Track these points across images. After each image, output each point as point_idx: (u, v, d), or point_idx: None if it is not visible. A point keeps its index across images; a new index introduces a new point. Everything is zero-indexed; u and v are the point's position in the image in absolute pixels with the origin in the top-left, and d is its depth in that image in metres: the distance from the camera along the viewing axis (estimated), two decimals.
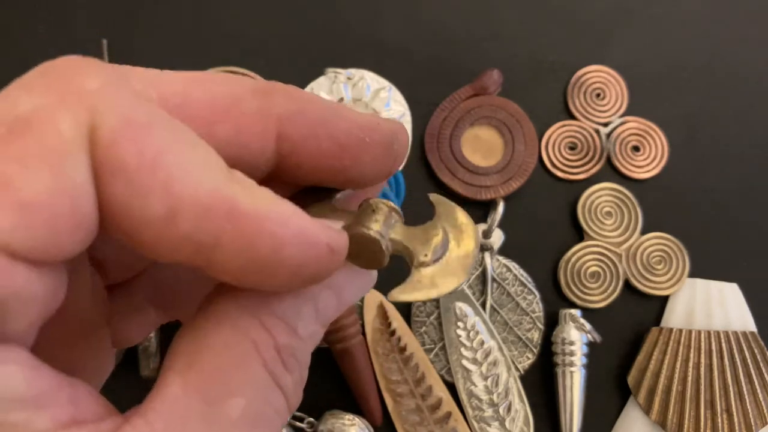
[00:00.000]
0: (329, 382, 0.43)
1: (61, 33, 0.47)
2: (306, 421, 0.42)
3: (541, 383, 0.43)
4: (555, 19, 0.48)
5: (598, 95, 0.47)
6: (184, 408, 0.15)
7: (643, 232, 0.45)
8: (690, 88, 0.48)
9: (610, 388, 0.43)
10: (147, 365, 0.42)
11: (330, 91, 0.46)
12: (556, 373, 0.42)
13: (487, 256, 0.44)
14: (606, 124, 0.47)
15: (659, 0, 0.49)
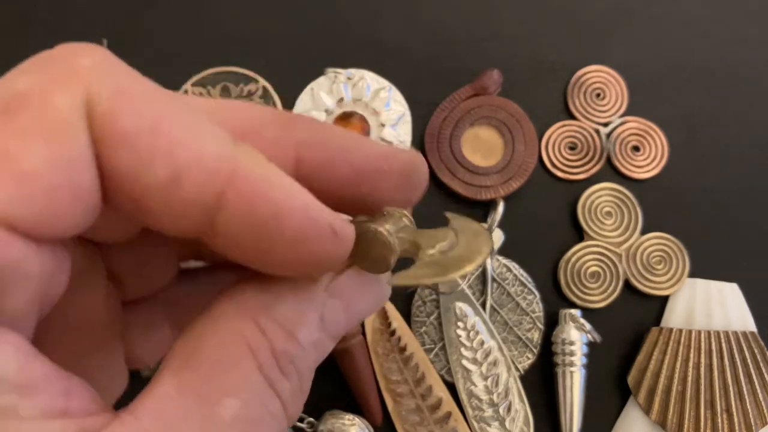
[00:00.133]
0: (329, 382, 0.43)
1: (61, 33, 0.47)
2: (306, 421, 0.42)
3: (541, 383, 0.43)
4: (555, 19, 0.48)
5: (598, 95, 0.47)
6: (175, 406, 0.15)
7: (643, 232, 0.45)
8: (690, 88, 0.48)
9: (610, 388, 0.43)
10: (147, 366, 0.42)
11: (330, 91, 0.46)
12: (556, 373, 0.42)
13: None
14: (606, 124, 0.47)
15: (659, 0, 0.49)
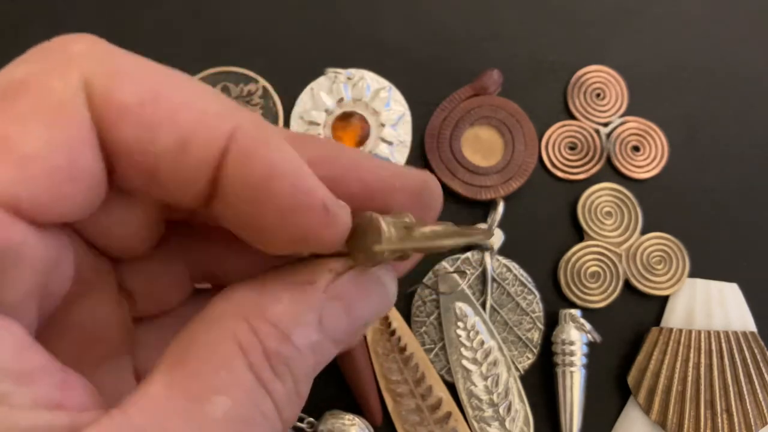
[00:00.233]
0: (329, 382, 0.43)
1: (61, 33, 0.47)
2: (306, 421, 0.42)
3: (541, 383, 0.43)
4: (555, 19, 0.48)
5: (598, 95, 0.47)
6: (165, 403, 0.15)
7: (643, 232, 0.45)
8: (690, 88, 0.48)
9: (610, 388, 0.43)
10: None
11: (330, 91, 0.46)
12: (556, 373, 0.42)
13: (487, 256, 0.44)
14: (606, 124, 0.47)
15: (659, 0, 0.49)
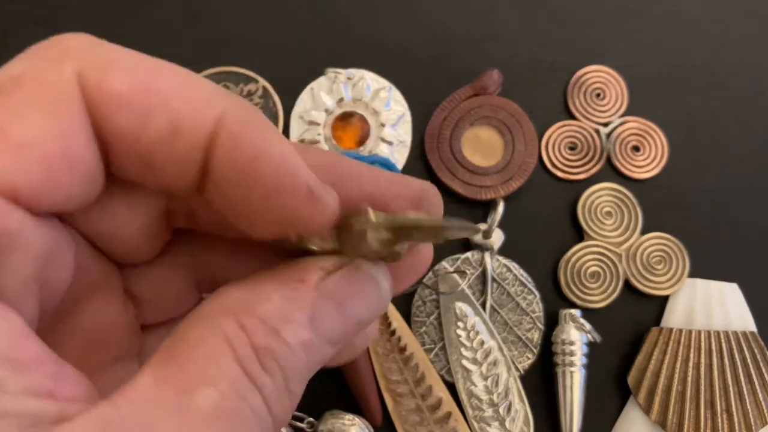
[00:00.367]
0: (329, 382, 0.43)
1: (61, 33, 0.47)
2: (306, 421, 0.42)
3: (541, 383, 0.43)
4: (555, 19, 0.48)
5: (598, 95, 0.47)
6: (153, 395, 0.15)
7: (643, 232, 0.45)
8: (690, 88, 0.48)
9: (610, 388, 0.43)
10: None
11: (330, 91, 0.46)
12: (556, 373, 0.42)
13: (487, 256, 0.44)
14: (606, 124, 0.47)
15: (659, 0, 0.49)
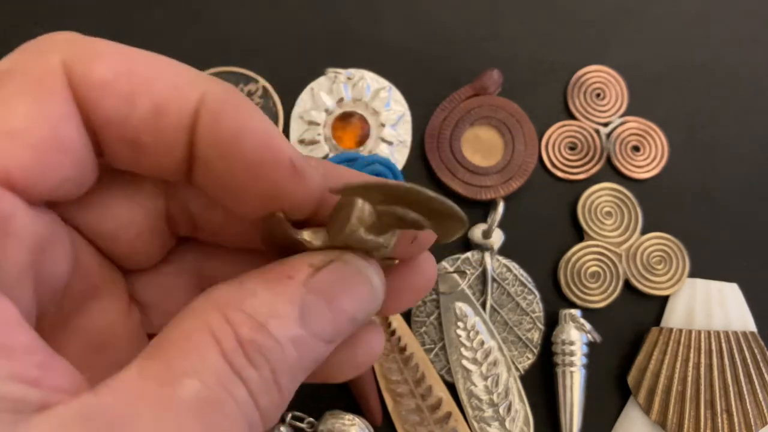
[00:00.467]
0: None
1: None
2: (306, 421, 0.42)
3: (541, 383, 0.43)
4: (555, 19, 0.48)
5: (598, 95, 0.47)
6: (136, 386, 0.15)
7: (643, 232, 0.45)
8: (690, 88, 0.48)
9: (610, 388, 0.43)
10: None
11: (330, 91, 0.46)
12: (556, 373, 0.42)
13: (487, 256, 0.44)
14: (606, 124, 0.47)
15: (659, 0, 0.49)
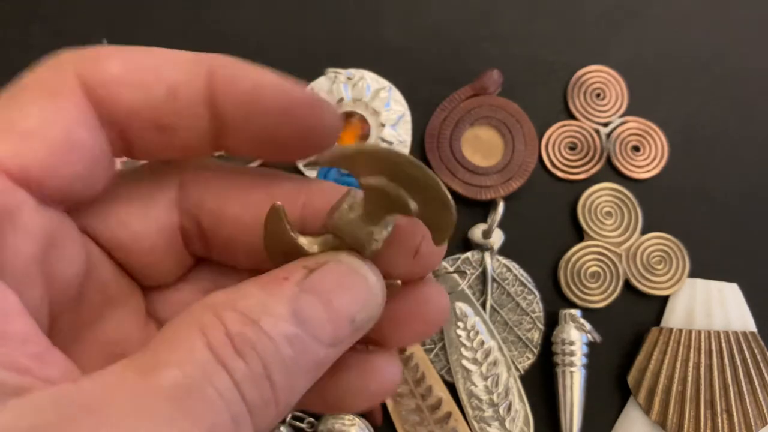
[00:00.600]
0: None
1: (62, 32, 0.47)
2: (306, 421, 0.42)
3: (541, 383, 0.43)
4: (555, 19, 0.48)
5: (598, 95, 0.47)
6: (116, 376, 0.15)
7: (643, 232, 0.45)
8: (690, 88, 0.48)
9: (610, 388, 0.43)
10: None
11: (330, 91, 0.46)
12: (556, 373, 0.42)
13: (487, 256, 0.44)
14: (606, 124, 0.47)
15: (659, 0, 0.49)
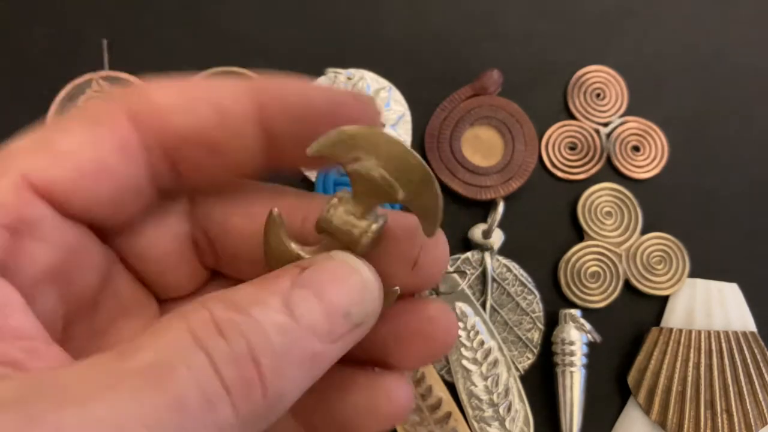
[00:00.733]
0: None
1: (62, 33, 0.47)
2: None
3: (541, 383, 0.43)
4: (555, 19, 0.48)
5: (598, 95, 0.47)
6: (93, 362, 0.15)
7: (643, 232, 0.45)
8: (690, 88, 0.48)
9: (610, 388, 0.43)
10: None
11: None
12: (556, 373, 0.42)
13: (487, 256, 0.44)
14: (606, 124, 0.47)
15: (659, 0, 0.49)
